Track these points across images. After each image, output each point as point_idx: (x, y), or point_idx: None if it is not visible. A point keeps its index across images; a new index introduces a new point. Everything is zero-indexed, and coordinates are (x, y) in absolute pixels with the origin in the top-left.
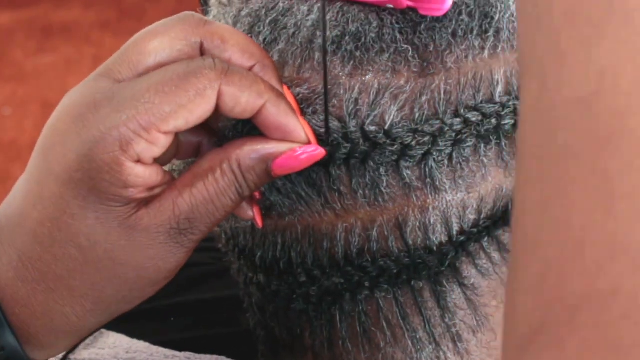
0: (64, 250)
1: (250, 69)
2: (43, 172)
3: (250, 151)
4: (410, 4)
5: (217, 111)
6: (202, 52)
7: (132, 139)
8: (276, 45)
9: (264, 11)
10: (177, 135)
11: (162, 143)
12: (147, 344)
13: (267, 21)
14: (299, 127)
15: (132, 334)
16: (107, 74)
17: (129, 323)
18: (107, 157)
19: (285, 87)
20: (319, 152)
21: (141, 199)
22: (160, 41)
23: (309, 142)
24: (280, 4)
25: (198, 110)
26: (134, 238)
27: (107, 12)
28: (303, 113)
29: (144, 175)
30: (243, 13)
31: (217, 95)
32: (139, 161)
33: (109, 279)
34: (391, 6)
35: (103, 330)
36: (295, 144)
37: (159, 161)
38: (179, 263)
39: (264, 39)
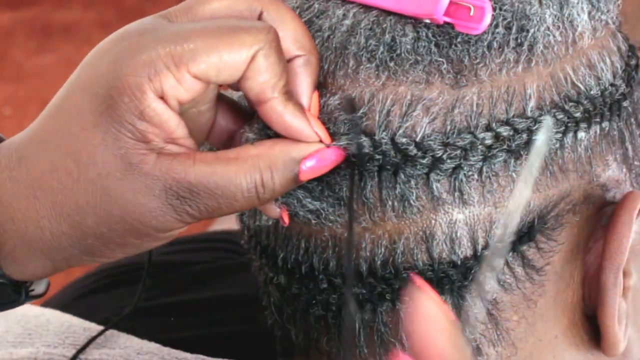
0: (62, 160)
1: (293, 58)
2: (72, 85)
3: (281, 151)
4: (447, 20)
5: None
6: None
7: (162, 70)
8: None
9: (298, 11)
10: (215, 112)
11: (189, 86)
12: (157, 345)
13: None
14: (307, 128)
15: (138, 332)
16: (165, 16)
17: (135, 319)
18: (132, 80)
19: (316, 93)
20: (338, 154)
21: (153, 142)
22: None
23: (321, 141)
24: (316, 5)
25: (232, 64)
26: (130, 176)
27: (107, 12)
28: (328, 126)
29: (162, 114)
30: None
31: (250, 58)
32: (162, 98)
33: (93, 207)
34: (428, 20)
35: (113, 331)
36: (321, 144)
37: (192, 133)
38: (167, 226)
39: None
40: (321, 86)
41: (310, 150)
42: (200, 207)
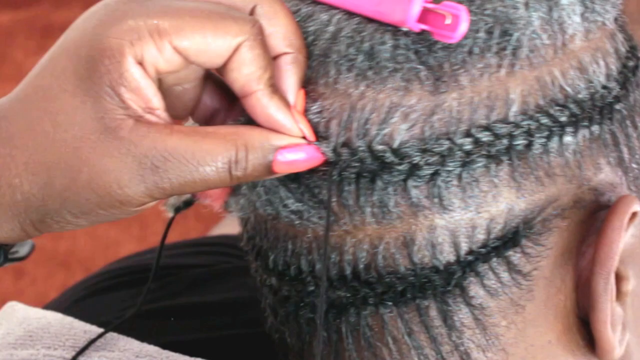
0: (40, 120)
1: (281, 55)
2: (58, 46)
3: (260, 134)
4: (424, 27)
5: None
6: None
7: (144, 37)
8: None
9: None
10: (201, 91)
11: (169, 57)
12: (157, 348)
13: None
14: (290, 122)
15: (136, 334)
16: None
17: (134, 322)
18: (114, 42)
19: (302, 91)
20: (317, 156)
21: (131, 108)
22: None
23: (304, 138)
24: (303, 10)
25: (214, 48)
26: (105, 140)
27: None
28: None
29: (139, 80)
30: None
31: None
32: (141, 64)
33: (62, 169)
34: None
35: (113, 334)
36: (303, 140)
37: (173, 110)
38: (134, 199)
39: None
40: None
41: (290, 141)
42: (172, 179)
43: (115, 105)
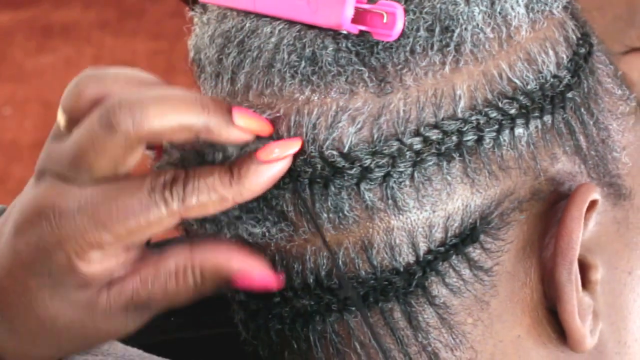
0: (33, 335)
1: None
2: (14, 260)
3: (211, 258)
4: (362, 28)
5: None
6: None
7: (86, 250)
8: (242, 68)
9: (233, 31)
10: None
11: (116, 253)
12: (139, 352)
13: (235, 42)
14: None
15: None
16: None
17: None
18: (61, 260)
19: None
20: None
21: (97, 282)
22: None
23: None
24: (247, 24)
25: (157, 231)
26: (92, 319)
27: (107, 12)
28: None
29: (99, 269)
30: (217, 33)
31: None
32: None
33: (66, 347)
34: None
35: None
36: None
37: None
38: (128, 331)
39: (232, 62)
40: (252, 106)
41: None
42: (154, 312)
43: (88, 295)
